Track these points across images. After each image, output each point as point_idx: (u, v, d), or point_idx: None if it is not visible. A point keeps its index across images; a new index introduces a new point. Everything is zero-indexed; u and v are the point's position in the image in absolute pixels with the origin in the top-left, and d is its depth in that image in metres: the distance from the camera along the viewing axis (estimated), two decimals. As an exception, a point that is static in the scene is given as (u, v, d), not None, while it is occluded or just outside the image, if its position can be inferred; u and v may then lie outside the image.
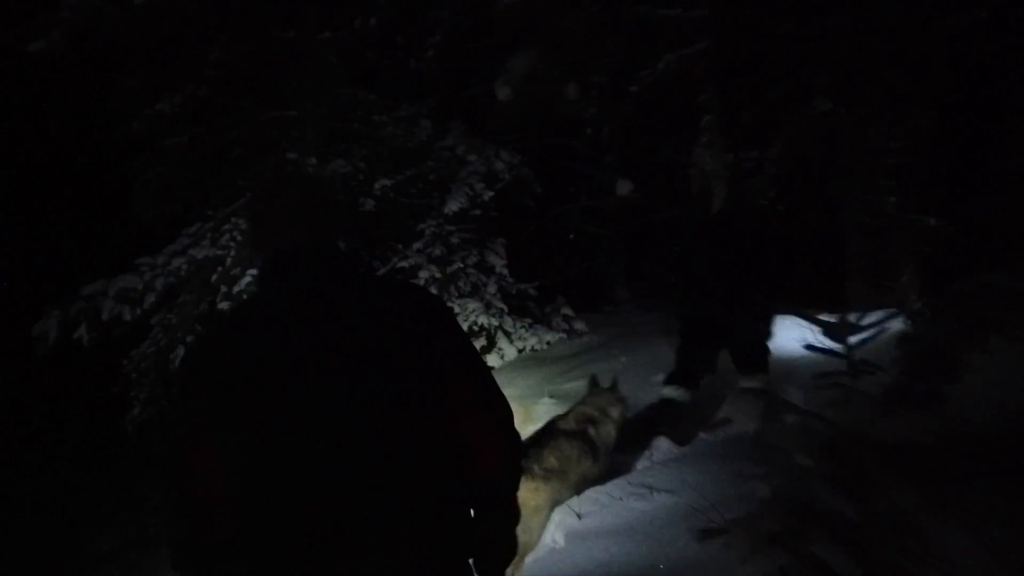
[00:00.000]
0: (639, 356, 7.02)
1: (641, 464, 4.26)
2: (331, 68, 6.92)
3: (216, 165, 7.14)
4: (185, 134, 6.80)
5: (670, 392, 4.68)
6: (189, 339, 5.51)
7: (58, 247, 8.73)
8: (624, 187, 5.54)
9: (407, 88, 8.14)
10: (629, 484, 3.78)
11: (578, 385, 6.39)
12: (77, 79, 6.99)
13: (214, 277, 5.53)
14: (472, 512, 1.39)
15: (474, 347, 1.42)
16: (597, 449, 3.88)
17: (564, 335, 8.85)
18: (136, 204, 6.79)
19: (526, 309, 8.97)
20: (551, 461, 3.55)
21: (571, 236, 9.53)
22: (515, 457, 1.43)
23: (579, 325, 9.01)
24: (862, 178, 6.76)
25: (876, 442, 2.27)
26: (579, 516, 3.57)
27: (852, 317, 3.10)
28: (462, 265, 8.22)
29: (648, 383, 5.80)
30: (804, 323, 4.55)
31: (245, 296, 5.72)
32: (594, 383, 4.41)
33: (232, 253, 5.56)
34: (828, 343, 3.58)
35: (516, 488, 1.42)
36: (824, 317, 4.12)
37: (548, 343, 8.65)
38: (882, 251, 7.35)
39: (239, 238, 5.63)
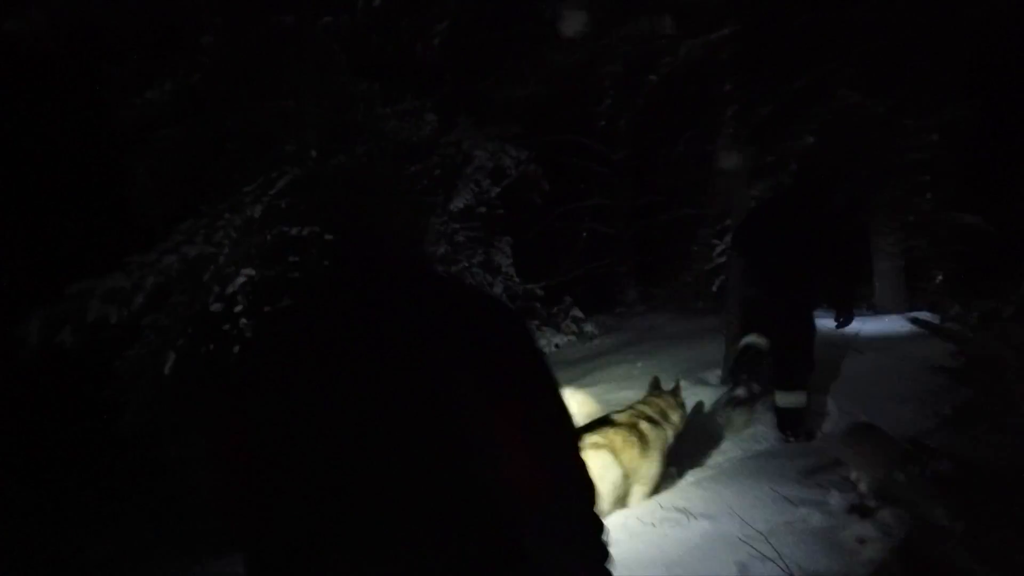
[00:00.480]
0: (655, 360, 6.69)
1: (671, 482, 3.91)
2: (332, 56, 6.58)
3: (212, 159, 6.81)
4: (179, 126, 6.45)
5: (752, 339, 4.61)
6: (181, 342, 5.19)
7: (44, 245, 8.43)
8: (730, 159, 5.02)
9: (412, 80, 7.81)
10: (661, 507, 3.44)
11: (592, 391, 6.06)
12: (65, 67, 6.66)
13: (206, 276, 5.20)
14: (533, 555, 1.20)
15: (543, 371, 1.22)
16: (648, 444, 3.65)
17: (573, 338, 8.56)
18: (131, 200, 6.47)
19: (533, 310, 8.69)
20: (594, 439, 3.43)
21: (583, 234, 9.21)
22: (576, 491, 1.21)
23: (589, 327, 8.71)
24: (893, 173, 6.44)
25: (972, 463, 1.94)
26: (607, 543, 3.23)
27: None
28: (467, 264, 7.96)
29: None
30: (924, 326, 4.21)
31: (308, 282, 5.56)
32: (655, 385, 4.23)
33: (226, 251, 5.23)
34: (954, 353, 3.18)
35: (589, 533, 1.20)
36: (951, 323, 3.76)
37: (557, 346, 8.38)
38: (915, 250, 7.05)
39: (233, 235, 5.30)
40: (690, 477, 3.96)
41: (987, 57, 5.90)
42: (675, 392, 4.18)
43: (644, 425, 3.70)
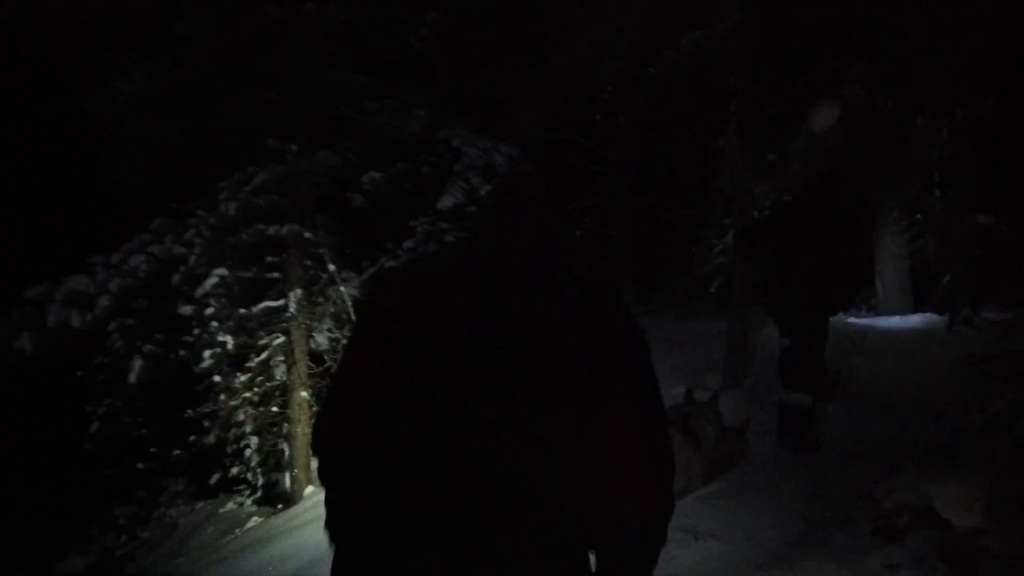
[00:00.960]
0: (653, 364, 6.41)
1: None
2: (319, 47, 6.27)
3: (191, 154, 6.49)
4: (155, 119, 6.14)
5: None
6: (148, 348, 4.86)
7: (11, 244, 8.12)
8: (824, 117, 4.60)
9: (404, 75, 7.53)
10: (665, 526, 3.14)
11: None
12: (39, 59, 6.37)
13: (176, 278, 4.88)
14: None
15: (653, 385, 1.28)
16: (699, 442, 3.62)
17: (569, 341, 8.26)
18: (106, 196, 6.16)
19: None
20: None
21: (577, 233, 8.96)
22: (665, 508, 1.23)
23: (584, 330, 8.42)
24: (901, 172, 6.19)
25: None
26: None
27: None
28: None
29: (668, 396, 5.21)
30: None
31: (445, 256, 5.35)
32: (690, 398, 4.14)
33: (197, 250, 4.91)
34: None
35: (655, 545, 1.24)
36: None
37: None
38: (923, 251, 6.80)
39: (206, 234, 4.98)
40: (697, 491, 3.66)
41: (1001, 54, 5.65)
42: (711, 404, 4.09)
43: (691, 422, 3.68)
